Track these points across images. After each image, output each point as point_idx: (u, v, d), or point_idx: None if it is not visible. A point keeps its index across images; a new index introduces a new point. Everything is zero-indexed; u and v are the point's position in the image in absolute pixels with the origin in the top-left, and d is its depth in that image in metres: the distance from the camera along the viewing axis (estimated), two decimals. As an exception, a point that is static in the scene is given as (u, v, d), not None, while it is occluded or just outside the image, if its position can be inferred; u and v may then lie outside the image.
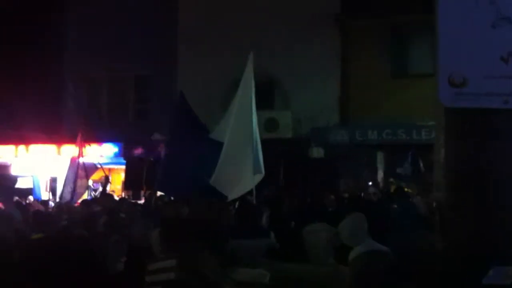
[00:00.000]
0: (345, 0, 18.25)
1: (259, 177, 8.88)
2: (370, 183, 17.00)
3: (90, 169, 14.83)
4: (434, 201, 3.67)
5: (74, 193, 13.72)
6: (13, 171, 18.67)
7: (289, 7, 17.96)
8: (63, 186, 14.40)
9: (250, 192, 8.97)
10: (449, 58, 3.30)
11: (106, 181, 16.04)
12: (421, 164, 15.10)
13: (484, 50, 3.30)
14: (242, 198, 9.18)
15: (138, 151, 17.29)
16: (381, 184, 17.53)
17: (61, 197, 14.10)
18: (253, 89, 8.86)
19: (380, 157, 18.14)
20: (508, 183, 3.34)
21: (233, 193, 9.16)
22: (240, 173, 8.85)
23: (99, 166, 15.27)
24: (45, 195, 17.10)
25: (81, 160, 14.42)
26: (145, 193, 14.62)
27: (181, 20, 19.55)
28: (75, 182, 13.91)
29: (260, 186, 10.08)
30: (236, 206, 8.68)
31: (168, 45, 19.35)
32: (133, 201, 13.67)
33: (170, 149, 9.96)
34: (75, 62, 19.94)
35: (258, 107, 17.31)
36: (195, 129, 9.82)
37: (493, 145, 3.27)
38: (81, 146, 14.67)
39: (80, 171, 14.14)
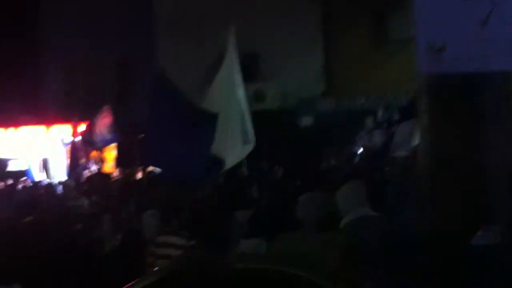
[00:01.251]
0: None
1: (249, 147, 8.94)
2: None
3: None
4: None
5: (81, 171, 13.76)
6: (3, 154, 18.63)
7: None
8: (69, 166, 14.34)
9: (241, 163, 9.08)
10: (426, 24, 3.37)
11: (100, 159, 16.04)
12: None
13: (461, 14, 3.37)
14: (230, 170, 9.25)
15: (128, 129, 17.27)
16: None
17: (69, 177, 14.03)
18: (237, 61, 8.88)
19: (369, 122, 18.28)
20: (493, 167, 3.44)
21: (227, 163, 9.24)
22: (231, 144, 8.93)
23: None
24: (38, 176, 17.09)
25: (77, 139, 14.41)
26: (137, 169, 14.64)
27: (158, 4, 19.43)
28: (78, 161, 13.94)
29: (252, 157, 10.20)
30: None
31: (146, 29, 19.26)
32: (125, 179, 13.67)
33: (155, 123, 9.90)
34: (56, 48, 19.85)
35: (244, 80, 17.40)
36: (182, 103, 9.77)
37: (475, 128, 3.36)
38: (75, 126, 14.64)
39: (81, 150, 14.17)
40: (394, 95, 16.65)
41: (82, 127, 15.58)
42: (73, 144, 14.42)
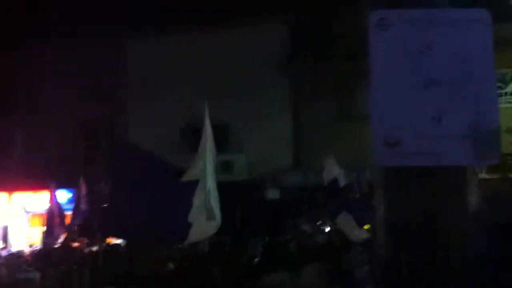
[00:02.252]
0: (294, 46, 18.71)
1: (214, 224, 8.93)
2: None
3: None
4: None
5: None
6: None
7: (241, 52, 18.29)
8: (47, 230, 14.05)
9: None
10: (382, 119, 3.44)
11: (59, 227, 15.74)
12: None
13: (416, 110, 3.46)
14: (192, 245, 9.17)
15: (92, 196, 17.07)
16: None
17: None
18: (210, 135, 9.06)
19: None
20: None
21: (191, 237, 9.17)
22: (197, 218, 8.90)
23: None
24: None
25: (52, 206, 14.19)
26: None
27: (130, 68, 19.68)
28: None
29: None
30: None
31: (117, 92, 19.39)
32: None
33: (118, 193, 9.84)
34: (24, 108, 19.78)
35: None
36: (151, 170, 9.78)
37: (432, 203, 3.40)
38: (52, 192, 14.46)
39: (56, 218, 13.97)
40: (361, 168, 16.81)
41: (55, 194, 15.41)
42: (49, 211, 14.11)
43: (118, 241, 12.09)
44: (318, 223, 14.74)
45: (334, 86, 18.47)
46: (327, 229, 15.03)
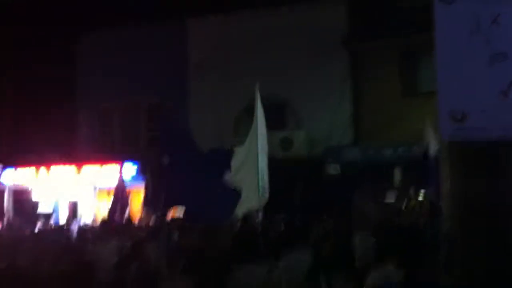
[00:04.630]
0: (354, 22, 18.45)
1: (263, 200, 9.08)
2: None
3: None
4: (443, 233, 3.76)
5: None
6: (34, 196, 18.90)
7: (299, 31, 18.20)
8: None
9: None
10: (448, 94, 3.46)
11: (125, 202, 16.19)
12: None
13: (483, 85, 3.45)
14: (245, 220, 9.29)
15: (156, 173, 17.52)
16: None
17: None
18: (261, 115, 9.13)
19: (397, 174, 18.16)
20: None
21: (239, 209, 9.34)
22: (247, 192, 9.08)
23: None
24: (64, 219, 17.28)
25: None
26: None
27: (191, 49, 19.89)
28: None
29: (274, 207, 10.23)
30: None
31: (180, 73, 19.67)
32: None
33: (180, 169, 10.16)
34: (89, 92, 20.36)
35: (272, 127, 17.57)
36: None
37: (497, 183, 3.40)
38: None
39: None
40: (421, 146, 16.59)
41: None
42: (118, 186, 14.47)
43: (179, 214, 12.42)
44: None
45: (396, 62, 18.15)
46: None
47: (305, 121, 18.64)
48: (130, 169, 18.58)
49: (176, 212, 12.85)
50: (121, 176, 14.58)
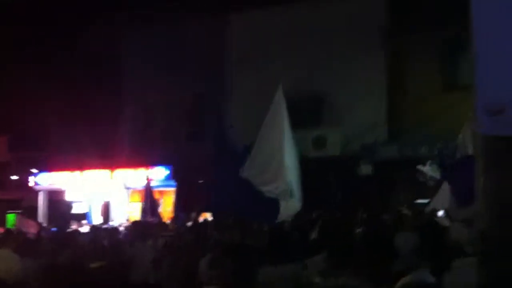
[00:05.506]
0: (394, 15, 18.11)
1: (294, 205, 8.81)
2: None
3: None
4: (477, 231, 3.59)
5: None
6: (67, 197, 19.15)
7: (337, 25, 17.96)
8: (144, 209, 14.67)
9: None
10: (486, 85, 3.27)
11: (156, 203, 16.28)
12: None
13: (522, 76, 3.26)
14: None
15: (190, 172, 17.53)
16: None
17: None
18: (286, 116, 8.83)
19: (434, 172, 17.77)
20: None
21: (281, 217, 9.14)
22: (283, 198, 8.85)
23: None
24: (97, 219, 17.48)
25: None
26: (195, 215, 14.78)
27: (232, 42, 19.85)
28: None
29: (308, 207, 10.06)
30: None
31: (220, 68, 19.66)
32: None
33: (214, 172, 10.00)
34: (130, 88, 20.48)
35: (307, 125, 17.31)
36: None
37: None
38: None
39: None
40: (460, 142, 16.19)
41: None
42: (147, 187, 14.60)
43: (208, 217, 12.34)
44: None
45: (437, 55, 17.76)
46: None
47: (341, 117, 18.38)
48: (162, 172, 18.73)
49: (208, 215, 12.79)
50: (149, 179, 14.69)
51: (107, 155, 19.39)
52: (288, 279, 5.23)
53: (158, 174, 18.61)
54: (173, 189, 18.08)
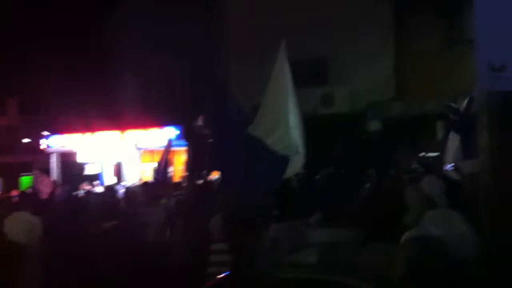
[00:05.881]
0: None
1: (298, 160, 8.89)
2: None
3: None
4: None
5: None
6: (79, 158, 19.35)
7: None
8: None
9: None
10: (487, 42, 3.36)
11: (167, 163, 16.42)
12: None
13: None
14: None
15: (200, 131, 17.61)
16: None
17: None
18: (288, 72, 8.82)
19: (440, 128, 17.86)
20: None
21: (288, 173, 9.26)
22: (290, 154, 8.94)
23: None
24: (109, 180, 17.69)
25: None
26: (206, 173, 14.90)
27: (228, 5, 19.74)
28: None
29: (316, 164, 10.18)
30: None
31: (217, 32, 19.58)
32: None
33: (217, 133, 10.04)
34: (131, 52, 20.46)
35: (312, 84, 17.34)
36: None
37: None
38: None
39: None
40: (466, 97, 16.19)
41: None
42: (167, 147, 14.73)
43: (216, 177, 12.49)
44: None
45: (437, 13, 17.66)
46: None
47: (346, 76, 18.42)
48: (172, 132, 18.83)
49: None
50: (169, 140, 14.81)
51: (117, 116, 19.54)
52: (293, 236, 5.37)
53: (169, 134, 18.70)
54: (183, 148, 18.20)
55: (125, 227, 7.34)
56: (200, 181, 13.55)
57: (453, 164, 9.61)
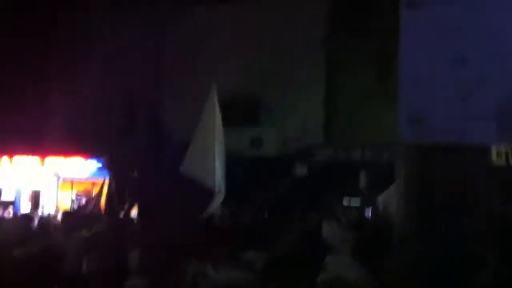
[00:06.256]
0: (332, 24, 18.52)
1: (221, 196, 8.99)
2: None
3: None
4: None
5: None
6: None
7: (277, 29, 18.14)
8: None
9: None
10: (409, 96, 3.48)
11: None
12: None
13: (442, 89, 3.49)
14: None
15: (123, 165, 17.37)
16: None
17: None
18: (218, 116, 8.93)
19: (362, 177, 18.25)
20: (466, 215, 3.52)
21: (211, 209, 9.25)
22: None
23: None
24: (25, 208, 17.06)
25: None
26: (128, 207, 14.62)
27: (167, 38, 19.70)
28: None
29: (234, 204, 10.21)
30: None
31: (155, 63, 19.46)
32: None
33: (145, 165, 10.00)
34: (61, 75, 19.97)
35: (243, 124, 17.43)
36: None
37: (451, 183, 3.45)
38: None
39: None
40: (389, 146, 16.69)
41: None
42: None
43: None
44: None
45: (369, 64, 18.23)
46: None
47: (278, 119, 18.59)
48: (94, 164, 18.51)
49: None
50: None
51: (39, 142, 18.92)
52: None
53: (91, 165, 18.38)
54: (106, 180, 17.82)
55: (37, 255, 7.04)
56: (120, 215, 13.28)
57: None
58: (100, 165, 18.49)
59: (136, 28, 19.35)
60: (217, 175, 8.51)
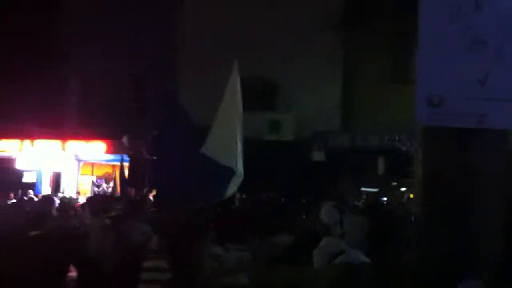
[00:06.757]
0: (348, 5, 18.37)
1: (237, 180, 8.96)
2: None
3: None
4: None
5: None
6: (17, 165, 18.81)
7: (292, 12, 18.03)
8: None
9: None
10: (427, 78, 3.46)
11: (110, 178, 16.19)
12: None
13: (461, 71, 3.46)
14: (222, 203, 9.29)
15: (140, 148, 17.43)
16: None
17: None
18: (240, 95, 8.91)
19: (380, 163, 18.21)
20: (481, 201, 3.52)
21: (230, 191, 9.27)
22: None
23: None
24: (46, 190, 17.24)
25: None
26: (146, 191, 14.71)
27: (181, 21, 19.62)
28: None
29: (257, 188, 10.22)
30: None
31: (167, 45, 19.41)
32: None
33: (160, 147, 9.94)
34: (75, 61, 20.03)
35: (261, 108, 17.42)
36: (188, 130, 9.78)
37: (467, 163, 3.44)
38: None
39: None
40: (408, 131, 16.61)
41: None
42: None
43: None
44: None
45: (386, 47, 18.11)
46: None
47: (295, 104, 18.58)
48: (115, 146, 18.56)
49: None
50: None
51: (59, 126, 19.07)
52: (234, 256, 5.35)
53: (108, 148, 18.45)
54: (125, 164, 17.93)
55: (52, 236, 7.14)
56: (138, 197, 13.39)
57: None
58: (119, 148, 18.55)
59: (145, 11, 19.32)
60: (238, 158, 8.53)
